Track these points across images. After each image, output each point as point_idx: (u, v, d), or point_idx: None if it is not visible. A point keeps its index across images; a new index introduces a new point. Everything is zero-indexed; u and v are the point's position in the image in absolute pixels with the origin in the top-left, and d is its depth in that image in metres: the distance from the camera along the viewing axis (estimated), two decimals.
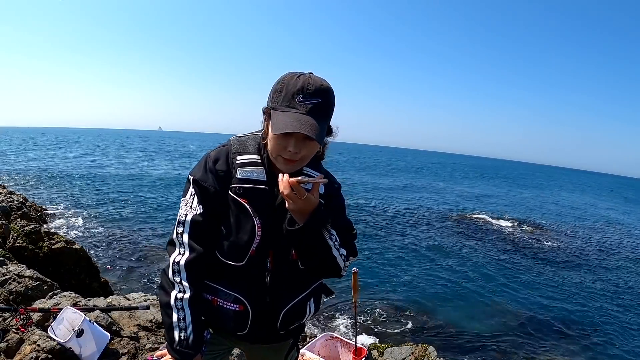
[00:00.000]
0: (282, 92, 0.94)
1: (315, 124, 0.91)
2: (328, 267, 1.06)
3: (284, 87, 0.94)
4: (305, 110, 0.91)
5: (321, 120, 0.93)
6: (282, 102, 0.93)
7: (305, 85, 0.92)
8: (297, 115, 0.91)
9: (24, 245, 4.64)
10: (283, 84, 0.95)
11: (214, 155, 1.05)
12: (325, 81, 0.96)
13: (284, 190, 0.92)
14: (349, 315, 5.86)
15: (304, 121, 0.90)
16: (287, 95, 0.93)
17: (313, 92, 0.92)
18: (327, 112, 0.97)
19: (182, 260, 1.01)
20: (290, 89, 0.93)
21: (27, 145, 40.84)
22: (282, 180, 0.92)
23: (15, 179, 15.95)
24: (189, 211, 1.02)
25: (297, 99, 0.92)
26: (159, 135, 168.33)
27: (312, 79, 0.94)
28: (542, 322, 6.60)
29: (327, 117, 0.98)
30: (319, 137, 0.91)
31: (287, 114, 0.92)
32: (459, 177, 41.53)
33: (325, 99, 0.94)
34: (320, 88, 0.93)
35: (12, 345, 2.08)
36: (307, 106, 0.92)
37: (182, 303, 1.00)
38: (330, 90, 0.96)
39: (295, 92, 0.92)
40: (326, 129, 0.98)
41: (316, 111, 0.92)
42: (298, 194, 0.92)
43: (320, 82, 0.94)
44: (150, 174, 21.43)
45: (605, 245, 13.64)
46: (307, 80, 0.93)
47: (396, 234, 11.75)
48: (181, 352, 1.01)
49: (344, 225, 1.13)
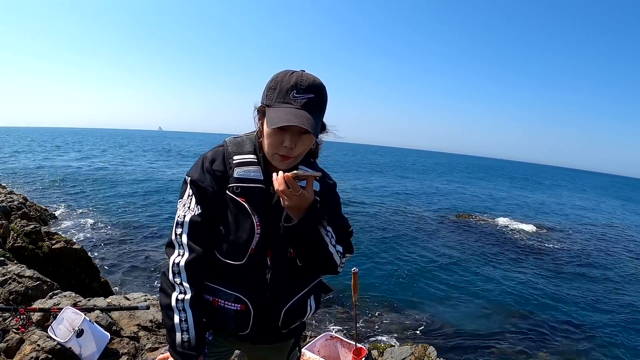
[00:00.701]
0: (276, 89, 0.96)
1: (310, 118, 0.93)
2: (325, 263, 1.07)
3: (277, 84, 0.96)
4: (300, 105, 0.93)
5: (315, 115, 0.95)
6: (277, 98, 0.95)
7: (298, 82, 0.94)
8: (292, 109, 0.93)
9: (24, 245, 4.64)
10: (277, 81, 0.97)
11: (211, 155, 1.06)
12: (317, 78, 0.98)
13: (278, 187, 0.93)
14: (349, 315, 5.86)
15: (299, 115, 0.92)
16: (281, 91, 0.95)
17: (306, 87, 0.94)
18: (320, 107, 0.99)
19: (182, 261, 1.01)
20: (284, 85, 0.95)
21: (27, 145, 40.86)
22: (276, 178, 0.94)
23: (15, 179, 15.96)
24: (187, 212, 1.03)
25: (291, 95, 0.94)
26: (159, 135, 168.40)
27: (304, 75, 0.96)
28: (543, 322, 6.60)
29: (321, 112, 1.00)
30: (314, 129, 0.93)
31: (282, 109, 0.93)
32: (459, 177, 41.53)
33: (318, 94, 0.97)
34: (313, 84, 0.96)
35: (12, 345, 2.08)
36: (301, 101, 0.94)
37: (184, 304, 1.00)
38: (323, 86, 0.99)
39: (289, 88, 0.94)
40: (320, 125, 1.00)
41: (310, 106, 0.94)
42: (293, 190, 0.93)
43: (312, 79, 0.96)
44: (150, 174, 21.44)
45: (607, 245, 13.63)
46: (300, 77, 0.95)
47: (396, 234, 11.75)
48: (184, 354, 1.00)
49: (340, 223, 1.14)
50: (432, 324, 6.10)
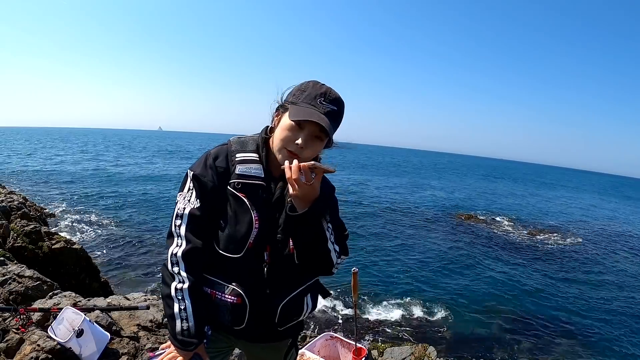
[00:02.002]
0: (305, 91, 1.03)
1: (329, 124, 0.99)
2: (322, 260, 1.10)
3: (307, 89, 1.03)
4: (324, 112, 1.00)
5: (333, 125, 1.02)
6: (304, 99, 1.02)
7: (327, 93, 1.03)
8: (316, 111, 0.99)
9: (24, 245, 4.64)
10: (307, 86, 1.04)
11: (214, 152, 1.10)
12: (341, 96, 1.06)
13: (291, 175, 0.96)
14: (349, 315, 5.86)
15: (321, 117, 0.99)
16: (309, 95, 1.02)
17: (332, 99, 1.03)
18: (338, 120, 1.05)
19: (179, 251, 1.04)
20: (314, 91, 1.02)
21: (27, 145, 40.87)
22: (289, 165, 0.97)
23: (15, 179, 15.96)
24: (187, 205, 1.06)
25: (318, 101, 1.01)
26: (159, 135, 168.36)
27: (333, 90, 1.05)
28: (543, 322, 6.60)
29: (337, 126, 1.06)
30: (329, 134, 1.00)
31: (307, 109, 1.00)
32: (459, 177, 41.55)
33: (339, 109, 1.05)
34: (338, 99, 1.04)
35: (12, 345, 2.08)
36: (325, 108, 1.01)
37: (183, 293, 1.03)
38: (344, 104, 1.07)
39: (318, 95, 1.02)
40: (332, 136, 1.05)
41: (331, 116, 1.01)
42: (306, 180, 0.96)
43: (338, 95, 1.05)
44: (151, 174, 21.46)
45: (607, 245, 13.64)
46: (329, 90, 1.04)
47: (396, 234, 11.76)
48: (184, 341, 1.03)
49: (338, 225, 1.17)
50: (432, 324, 6.10)
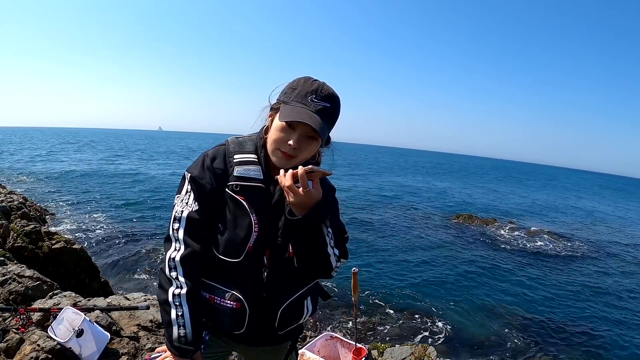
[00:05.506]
0: (296, 89, 0.99)
1: (321, 123, 0.95)
2: (321, 264, 1.07)
3: (298, 86, 0.99)
4: (315, 110, 0.96)
5: (326, 123, 0.98)
6: (295, 98, 0.98)
7: (319, 89, 0.98)
8: (307, 110, 0.96)
9: (24, 245, 4.63)
10: (298, 83, 1.00)
11: (212, 153, 1.07)
12: (335, 92, 1.01)
13: (285, 182, 0.92)
14: (349, 315, 5.86)
15: (312, 117, 0.95)
16: (300, 93, 0.98)
17: (325, 96, 0.98)
18: (332, 118, 1.01)
19: (178, 256, 1.01)
20: (305, 88, 0.98)
21: (27, 145, 40.85)
22: (283, 174, 0.94)
23: (15, 179, 15.95)
24: (185, 208, 1.03)
25: (309, 98, 0.97)
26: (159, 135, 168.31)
27: (325, 86, 1.00)
28: (543, 323, 6.60)
29: (331, 123, 1.02)
30: (322, 134, 0.96)
31: (298, 108, 0.96)
32: (459, 178, 41.53)
33: (333, 106, 1.00)
34: (332, 95, 0.99)
35: (12, 345, 2.07)
36: (317, 106, 0.97)
37: (180, 299, 1.00)
38: (339, 100, 1.02)
39: (309, 92, 0.97)
40: (327, 135, 1.02)
41: (324, 113, 0.97)
42: (302, 186, 0.92)
43: (332, 91, 1.00)
44: (151, 174, 21.43)
45: (608, 245, 13.62)
46: (321, 86, 0.99)
47: (396, 234, 11.75)
48: (180, 348, 1.01)
49: (338, 227, 1.14)
50: (432, 324, 6.10)
